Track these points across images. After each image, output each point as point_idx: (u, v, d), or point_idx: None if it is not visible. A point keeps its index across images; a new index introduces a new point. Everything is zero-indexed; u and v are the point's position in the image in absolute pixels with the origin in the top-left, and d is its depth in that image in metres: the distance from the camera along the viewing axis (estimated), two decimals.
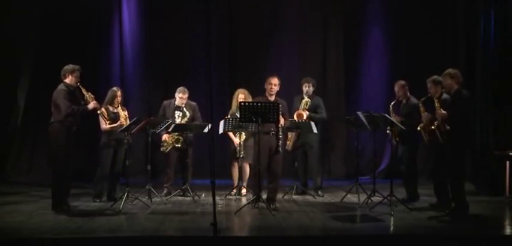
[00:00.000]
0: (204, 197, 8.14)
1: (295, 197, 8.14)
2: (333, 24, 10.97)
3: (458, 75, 6.70)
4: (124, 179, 7.64)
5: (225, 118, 8.04)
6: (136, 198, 7.49)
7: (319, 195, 8.29)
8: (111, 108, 7.64)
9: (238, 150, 8.07)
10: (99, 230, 5.99)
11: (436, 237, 5.82)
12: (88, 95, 7.14)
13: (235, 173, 8.42)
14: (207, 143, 7.86)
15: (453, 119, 6.64)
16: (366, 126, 7.46)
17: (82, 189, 8.51)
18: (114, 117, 7.60)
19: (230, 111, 8.36)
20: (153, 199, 7.70)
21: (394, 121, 7.21)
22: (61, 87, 7.04)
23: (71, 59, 7.33)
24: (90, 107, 7.14)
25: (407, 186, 7.72)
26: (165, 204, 7.62)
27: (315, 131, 7.79)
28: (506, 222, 6.81)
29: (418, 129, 7.14)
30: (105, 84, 8.12)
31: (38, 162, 10.17)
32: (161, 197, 7.91)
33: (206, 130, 7.89)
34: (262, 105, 6.93)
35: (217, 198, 7.48)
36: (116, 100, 7.67)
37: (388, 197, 6.97)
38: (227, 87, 10.55)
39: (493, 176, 8.82)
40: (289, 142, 8.28)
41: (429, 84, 7.17)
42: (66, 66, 7.12)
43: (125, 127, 7.35)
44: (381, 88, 10.71)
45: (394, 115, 7.59)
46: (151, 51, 10.73)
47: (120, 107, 7.69)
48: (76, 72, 7.09)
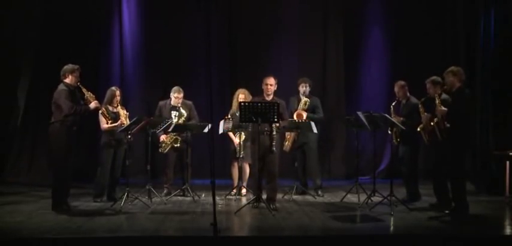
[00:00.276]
0: (204, 197, 8.14)
1: (295, 197, 8.14)
2: (333, 24, 10.97)
3: (461, 73, 6.70)
4: (124, 179, 7.65)
5: (225, 118, 8.05)
6: (136, 198, 7.49)
7: (319, 195, 8.29)
8: (111, 108, 7.65)
9: (238, 150, 8.07)
10: (99, 230, 5.99)
11: (436, 237, 5.82)
12: (88, 95, 7.14)
13: (235, 173, 8.43)
14: (207, 143, 7.87)
15: (453, 117, 6.63)
16: (366, 126, 7.46)
17: (82, 189, 8.51)
18: (115, 117, 7.61)
19: (230, 111, 8.36)
20: (153, 199, 7.70)
21: (395, 121, 7.22)
22: (61, 87, 7.04)
23: (71, 59, 7.33)
24: (91, 107, 7.14)
25: (408, 186, 7.72)
26: (165, 204, 7.62)
27: (315, 130, 7.80)
28: (506, 222, 6.81)
29: (418, 130, 7.14)
30: (105, 84, 8.12)
31: (38, 162, 10.18)
32: (161, 197, 7.91)
33: (206, 130, 7.89)
34: (262, 105, 6.93)
35: (217, 198, 7.48)
36: (115, 99, 7.67)
37: (388, 197, 6.97)
38: (227, 87, 10.55)
39: (493, 176, 8.83)
40: (287, 143, 8.27)
41: (428, 85, 7.17)
42: (65, 66, 7.12)
43: (125, 127, 7.35)
44: (381, 88, 10.72)
45: (395, 115, 7.59)
46: (151, 52, 10.73)
47: (119, 106, 7.69)
48: (76, 72, 7.09)
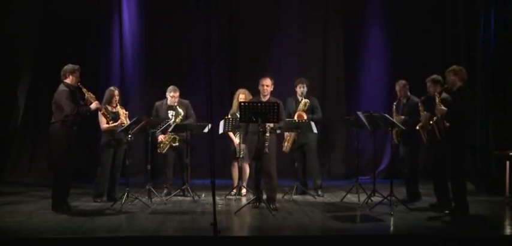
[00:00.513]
0: (204, 197, 8.14)
1: (295, 197, 8.14)
2: (333, 24, 10.97)
3: (463, 73, 6.69)
4: (124, 179, 7.65)
5: (225, 118, 8.05)
6: (136, 198, 7.49)
7: (319, 195, 8.29)
8: (110, 108, 7.64)
9: (238, 150, 8.07)
10: (99, 230, 5.99)
11: (436, 237, 5.82)
12: (89, 95, 7.14)
13: (235, 173, 8.43)
14: (207, 143, 7.86)
15: (453, 116, 6.63)
16: (366, 126, 7.46)
17: (82, 189, 8.51)
18: (114, 117, 7.60)
19: (230, 111, 8.36)
20: (153, 199, 7.70)
21: (395, 121, 7.22)
22: (62, 88, 7.04)
23: (71, 59, 7.33)
24: (92, 107, 7.15)
25: (408, 186, 7.71)
26: (165, 204, 7.62)
27: (315, 130, 7.81)
28: (506, 222, 6.81)
29: (417, 128, 7.14)
30: (105, 84, 8.11)
31: (38, 162, 10.17)
32: (161, 197, 7.91)
33: (206, 130, 7.89)
34: (262, 105, 6.93)
35: (217, 198, 7.47)
36: (114, 99, 7.67)
37: (388, 197, 6.97)
38: (227, 87, 10.55)
39: (493, 176, 8.83)
40: (287, 143, 8.28)
41: (428, 84, 7.16)
42: (66, 66, 7.12)
43: (125, 127, 7.35)
44: (380, 88, 10.72)
45: (397, 114, 7.60)
46: (151, 52, 10.73)
47: (119, 106, 7.69)
48: (76, 72, 7.09)
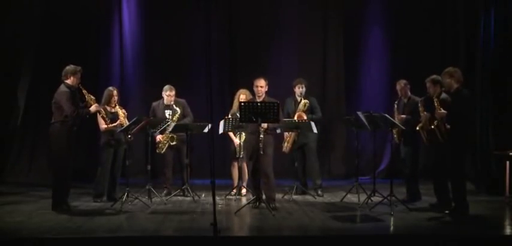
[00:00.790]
0: (204, 197, 8.14)
1: (295, 197, 8.14)
2: (333, 24, 10.96)
3: (459, 74, 6.68)
4: (124, 179, 7.65)
5: (225, 118, 8.05)
6: (136, 198, 7.49)
7: (319, 195, 8.29)
8: (109, 108, 7.64)
9: (238, 151, 8.07)
10: (99, 230, 6.00)
11: (436, 237, 5.82)
12: (89, 97, 7.16)
13: (235, 173, 8.43)
14: (207, 143, 7.86)
15: (453, 118, 6.63)
16: (366, 126, 7.46)
17: (82, 189, 8.51)
18: (113, 117, 7.60)
19: (231, 111, 8.36)
20: (153, 199, 7.70)
21: (395, 121, 7.22)
22: (63, 88, 7.04)
23: (71, 59, 7.33)
24: (92, 110, 7.18)
25: (408, 186, 7.71)
26: (165, 204, 7.62)
27: (315, 130, 7.81)
28: (506, 222, 6.81)
29: (417, 129, 7.14)
30: (105, 84, 8.11)
31: (38, 162, 10.16)
32: (161, 197, 7.91)
33: (206, 130, 7.89)
34: (262, 105, 6.94)
35: (217, 198, 7.48)
36: (113, 99, 7.67)
37: (388, 197, 6.97)
38: (227, 87, 10.56)
39: (493, 176, 8.83)
40: (287, 144, 8.28)
41: (428, 84, 7.15)
42: (68, 67, 7.12)
43: (125, 127, 7.36)
44: (380, 88, 10.73)
45: (398, 113, 7.60)
46: (151, 52, 10.73)
47: (117, 106, 7.69)
48: (78, 73, 7.10)
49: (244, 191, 8.36)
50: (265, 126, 7.08)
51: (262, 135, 6.99)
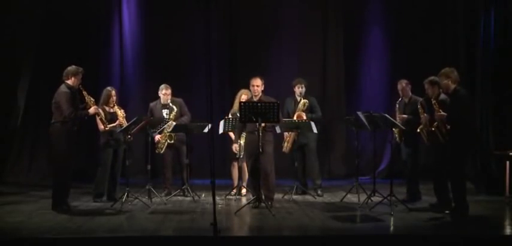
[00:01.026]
0: (204, 197, 8.14)
1: (295, 197, 8.14)
2: (333, 24, 10.96)
3: (455, 75, 6.64)
4: (124, 179, 7.65)
5: (225, 118, 8.05)
6: (136, 198, 7.50)
7: (319, 195, 8.29)
8: (107, 109, 7.63)
9: (238, 151, 8.06)
10: (99, 230, 6.00)
11: (436, 237, 5.82)
12: (88, 99, 7.16)
13: (235, 173, 8.43)
14: (207, 143, 7.86)
15: (452, 119, 6.62)
16: (366, 126, 7.46)
17: (82, 189, 8.51)
18: (112, 117, 7.59)
19: (231, 111, 8.35)
20: (153, 199, 7.70)
21: (395, 122, 7.22)
22: (63, 88, 7.04)
23: (71, 59, 7.33)
24: (91, 112, 7.19)
25: (409, 186, 7.71)
26: (165, 204, 7.62)
27: (315, 130, 7.82)
28: (506, 222, 6.81)
29: (418, 130, 7.13)
30: (105, 84, 8.11)
31: (38, 162, 10.17)
32: (161, 197, 7.91)
33: (206, 130, 7.89)
34: (262, 105, 6.94)
35: (217, 198, 7.47)
36: (111, 100, 7.66)
37: (388, 197, 6.97)
38: (227, 87, 10.56)
39: (493, 176, 8.82)
40: (287, 143, 8.28)
41: (426, 85, 7.14)
42: (69, 68, 7.13)
43: (125, 127, 7.36)
44: (380, 88, 10.73)
45: (400, 113, 7.60)
46: (151, 51, 10.73)
47: (116, 106, 7.69)
48: (79, 74, 7.11)
49: (244, 191, 8.36)
50: (263, 125, 7.08)
51: (260, 134, 6.99)
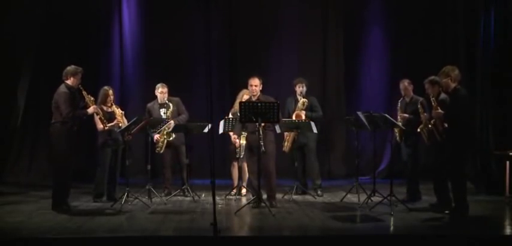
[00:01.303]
0: (204, 197, 8.14)
1: (295, 197, 8.14)
2: (333, 24, 10.96)
3: (456, 73, 6.63)
4: (124, 179, 7.65)
5: (225, 118, 8.05)
6: (136, 198, 7.50)
7: (319, 195, 8.28)
8: (105, 108, 7.62)
9: (238, 151, 8.06)
10: (99, 230, 6.00)
11: (436, 237, 5.82)
12: (88, 98, 7.16)
13: (235, 173, 8.43)
14: (207, 143, 7.86)
15: (451, 118, 6.62)
16: (366, 126, 7.46)
17: (82, 189, 8.51)
18: (110, 117, 7.59)
19: (231, 111, 8.33)
20: (153, 199, 7.70)
21: (395, 122, 7.21)
22: (62, 88, 7.04)
23: (71, 59, 7.33)
24: (89, 111, 7.19)
25: (409, 186, 7.71)
26: (165, 204, 7.62)
27: (315, 130, 7.81)
28: (506, 222, 6.81)
29: (418, 130, 7.14)
30: (105, 84, 8.10)
31: (38, 162, 10.16)
32: (161, 197, 7.91)
33: (206, 130, 7.89)
34: (262, 104, 6.94)
35: (217, 198, 7.48)
36: (109, 99, 7.65)
37: (388, 197, 6.97)
38: (227, 87, 10.56)
39: (493, 176, 8.82)
40: (287, 143, 8.28)
41: (427, 85, 7.13)
42: (68, 68, 7.13)
43: (125, 127, 7.35)
44: (380, 88, 10.73)
45: (401, 112, 7.59)
46: (151, 51, 10.72)
47: (114, 106, 7.68)
48: (78, 74, 7.11)
49: (244, 191, 8.36)
50: (263, 124, 7.08)
51: (261, 133, 7.00)
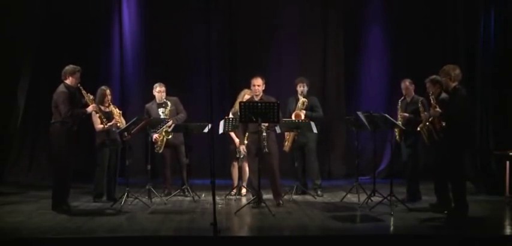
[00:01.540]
0: (204, 197, 8.14)
1: (295, 197, 8.14)
2: (333, 24, 10.96)
3: (456, 73, 6.59)
4: (123, 178, 7.64)
5: (225, 118, 8.05)
6: (136, 198, 7.50)
7: (318, 195, 8.28)
8: (103, 108, 7.62)
9: (238, 150, 8.06)
10: (99, 230, 6.00)
11: (436, 237, 5.83)
12: (87, 97, 7.16)
13: (235, 173, 8.43)
14: (207, 143, 7.86)
15: (448, 116, 6.62)
16: (366, 126, 7.46)
17: (82, 189, 8.51)
18: (107, 117, 7.58)
19: (232, 110, 8.33)
20: (153, 199, 7.70)
21: (395, 122, 7.21)
22: (61, 88, 7.04)
23: (71, 59, 7.33)
24: (89, 110, 7.19)
25: (409, 186, 7.71)
26: (165, 204, 7.62)
27: (314, 130, 7.80)
28: (506, 222, 6.81)
29: (418, 129, 7.14)
30: (105, 84, 8.11)
31: (38, 162, 10.17)
32: (161, 197, 7.91)
33: (206, 130, 7.89)
34: (262, 105, 6.94)
35: (217, 198, 7.47)
36: (106, 99, 7.64)
37: (388, 197, 6.97)
38: (227, 87, 10.56)
39: (493, 176, 8.82)
40: (287, 143, 8.28)
41: (428, 84, 7.14)
42: (66, 67, 7.13)
43: (124, 127, 7.35)
44: (380, 88, 10.73)
45: (402, 111, 7.60)
46: (151, 51, 10.72)
47: (111, 105, 7.68)
48: (77, 73, 7.10)
49: (244, 191, 8.35)
50: (266, 124, 7.09)
51: (264, 134, 7.00)
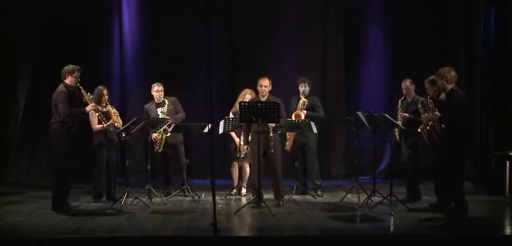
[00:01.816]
0: (204, 197, 8.14)
1: (295, 197, 8.14)
2: (333, 24, 10.97)
3: (452, 75, 6.58)
4: (123, 178, 7.64)
5: (225, 118, 8.05)
6: (136, 198, 7.50)
7: (318, 195, 8.28)
8: (100, 108, 7.60)
9: (239, 150, 8.06)
10: (99, 230, 6.00)
11: (436, 237, 5.82)
12: (87, 97, 7.16)
13: (235, 173, 8.43)
14: (207, 143, 7.86)
15: (446, 118, 6.62)
16: (366, 126, 7.46)
17: (82, 189, 8.51)
18: (105, 117, 7.56)
19: (232, 110, 8.33)
20: (153, 199, 7.70)
21: (395, 122, 7.22)
22: (61, 88, 7.04)
23: (71, 59, 7.33)
24: (88, 109, 7.19)
25: (409, 186, 7.71)
26: (165, 204, 7.62)
27: (315, 130, 7.81)
28: (506, 222, 6.81)
29: (418, 130, 7.14)
30: (105, 84, 8.12)
31: (38, 162, 10.17)
32: (161, 197, 7.91)
33: (206, 130, 7.89)
34: (262, 105, 6.94)
35: (217, 198, 7.47)
36: (103, 99, 7.63)
37: (388, 197, 6.97)
38: (227, 87, 10.56)
39: (493, 176, 8.82)
40: (288, 142, 8.28)
41: (427, 85, 7.15)
42: (66, 67, 7.13)
43: (124, 128, 7.35)
44: (380, 88, 10.74)
45: (402, 111, 7.60)
46: (151, 51, 10.73)
47: (109, 106, 7.68)
48: (76, 72, 7.09)
49: (244, 191, 8.35)
50: (273, 125, 7.10)
51: (271, 134, 7.00)
